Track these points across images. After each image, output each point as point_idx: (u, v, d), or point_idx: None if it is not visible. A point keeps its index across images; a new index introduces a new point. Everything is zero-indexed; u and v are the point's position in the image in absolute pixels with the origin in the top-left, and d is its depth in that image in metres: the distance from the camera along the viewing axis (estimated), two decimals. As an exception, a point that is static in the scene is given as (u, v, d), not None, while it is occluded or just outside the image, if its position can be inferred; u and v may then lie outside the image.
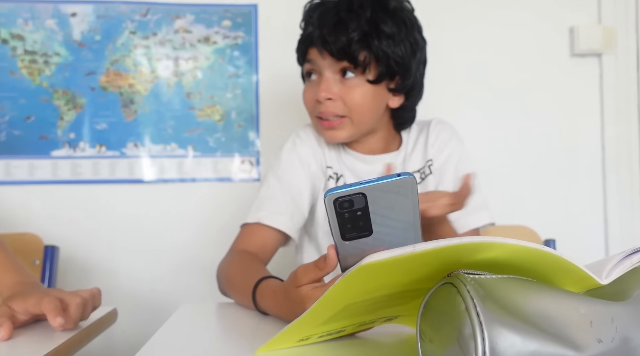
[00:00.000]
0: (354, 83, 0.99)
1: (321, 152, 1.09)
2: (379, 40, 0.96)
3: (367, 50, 0.96)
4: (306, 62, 1.03)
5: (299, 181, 1.05)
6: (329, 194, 0.50)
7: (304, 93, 1.05)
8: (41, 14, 1.60)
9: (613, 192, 1.72)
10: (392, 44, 0.97)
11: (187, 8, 1.65)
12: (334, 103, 0.99)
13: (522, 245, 0.41)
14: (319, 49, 0.98)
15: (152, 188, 1.64)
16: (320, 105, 0.99)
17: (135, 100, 1.63)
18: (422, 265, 0.43)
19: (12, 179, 1.58)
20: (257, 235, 1.00)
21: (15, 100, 1.59)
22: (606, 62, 1.73)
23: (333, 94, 0.98)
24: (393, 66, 0.99)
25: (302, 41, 1.03)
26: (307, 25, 1.02)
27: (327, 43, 0.96)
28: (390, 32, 0.97)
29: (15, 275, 0.83)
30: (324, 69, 0.99)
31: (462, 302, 0.38)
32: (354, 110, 0.99)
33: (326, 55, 0.98)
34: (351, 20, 0.95)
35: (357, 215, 0.51)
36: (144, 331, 1.56)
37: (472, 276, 0.40)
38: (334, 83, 0.99)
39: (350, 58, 0.96)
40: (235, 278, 0.90)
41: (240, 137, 1.66)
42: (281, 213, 1.01)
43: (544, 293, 0.41)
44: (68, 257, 1.52)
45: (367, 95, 1.00)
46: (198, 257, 1.62)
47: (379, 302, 0.53)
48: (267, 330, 0.71)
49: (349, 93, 0.98)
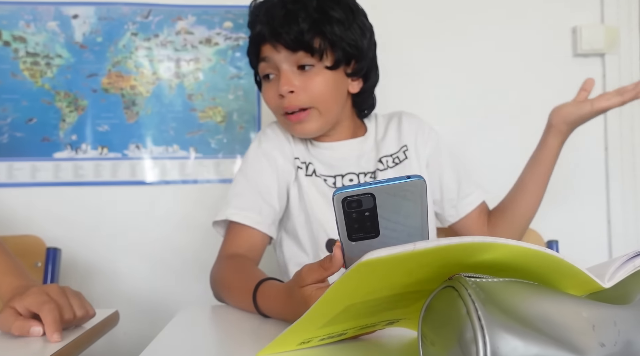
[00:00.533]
0: (313, 72, 0.99)
1: (288, 145, 1.10)
2: (330, 25, 0.97)
3: (320, 37, 0.97)
4: (261, 62, 1.02)
5: (266, 176, 1.06)
6: (337, 193, 0.50)
7: (263, 93, 1.05)
8: (43, 16, 1.61)
9: (616, 192, 1.72)
10: (343, 28, 0.98)
11: (189, 9, 1.65)
12: (296, 95, 0.99)
13: (523, 247, 0.40)
14: (272, 44, 0.98)
15: (154, 189, 1.64)
16: (283, 100, 0.99)
17: (137, 101, 1.63)
18: (423, 265, 0.43)
19: (15, 181, 1.58)
20: (242, 236, 1.00)
21: (17, 102, 1.59)
22: (609, 62, 1.72)
23: (294, 87, 0.98)
24: (348, 49, 1.00)
25: (253, 41, 1.03)
26: (255, 24, 1.01)
27: (280, 35, 0.96)
28: (339, 17, 0.98)
29: (16, 278, 0.83)
30: (280, 63, 0.99)
31: (464, 306, 0.38)
32: (318, 100, 1.00)
33: (281, 49, 0.98)
34: (299, 10, 0.96)
35: (365, 216, 0.51)
36: (146, 333, 1.56)
37: (474, 280, 0.40)
38: (293, 76, 0.99)
39: (305, 46, 0.97)
40: (232, 283, 0.89)
41: (242, 138, 1.66)
42: (249, 208, 1.01)
43: (545, 296, 0.40)
44: (70, 258, 1.52)
45: (328, 82, 1.00)
46: (200, 259, 1.62)
47: (381, 304, 0.53)
48: (269, 332, 0.71)
49: (310, 83, 0.99)
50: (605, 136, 1.73)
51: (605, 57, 1.72)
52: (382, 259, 0.40)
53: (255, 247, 1.00)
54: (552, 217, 1.69)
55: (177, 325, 0.76)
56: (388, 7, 1.68)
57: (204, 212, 1.64)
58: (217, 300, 0.98)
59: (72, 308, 0.76)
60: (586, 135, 1.73)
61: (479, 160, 1.67)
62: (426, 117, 1.22)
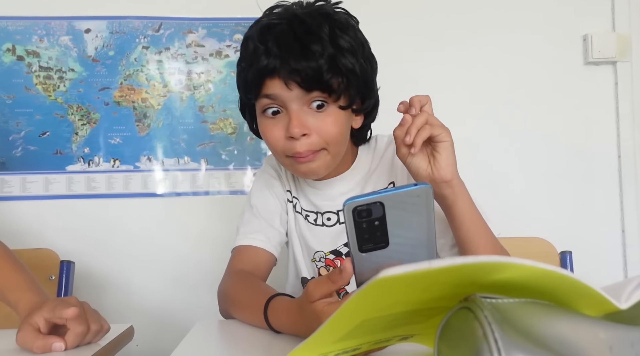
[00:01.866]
0: (326, 112, 0.88)
1: (284, 178, 1.07)
2: (345, 61, 0.86)
3: (339, 76, 0.86)
4: (263, 98, 0.88)
5: (269, 203, 1.05)
6: (348, 203, 0.51)
7: (265, 131, 0.91)
8: (56, 30, 1.63)
9: (630, 201, 1.70)
10: (356, 62, 0.88)
11: (199, 22, 1.66)
12: (308, 138, 0.88)
13: (539, 267, 0.40)
14: (284, 81, 0.84)
15: (166, 201, 1.64)
16: (293, 143, 0.88)
17: (149, 114, 1.64)
18: (439, 282, 0.43)
19: (28, 194, 1.60)
20: (247, 255, 1.00)
21: (30, 116, 1.61)
22: (621, 70, 1.71)
23: (308, 129, 0.87)
24: (362, 87, 0.91)
25: (257, 74, 0.87)
26: (259, 55, 0.86)
27: (296, 73, 0.83)
28: (351, 49, 0.87)
29: (34, 295, 0.85)
30: (290, 102, 0.86)
31: (480, 328, 0.37)
32: (331, 142, 0.90)
33: (294, 87, 0.85)
34: (314, 43, 0.84)
35: (375, 225, 0.52)
36: (159, 345, 1.57)
37: (489, 301, 0.40)
38: (304, 116, 0.87)
39: (323, 86, 0.85)
40: (242, 299, 0.88)
41: (253, 149, 1.67)
42: (254, 232, 1.01)
43: (562, 317, 0.40)
44: (83, 271, 1.53)
45: (342, 123, 0.90)
46: (212, 270, 1.62)
47: (396, 320, 0.52)
48: (283, 347, 0.71)
49: (323, 124, 0.88)
50: (618, 144, 1.72)
51: (617, 65, 1.71)
52: (398, 277, 0.40)
53: (261, 265, 1.00)
54: (565, 227, 1.68)
55: (192, 340, 0.76)
56: (395, 15, 1.68)
57: (216, 224, 1.65)
58: (223, 316, 0.97)
59: (87, 321, 0.77)
60: (599, 143, 1.73)
61: (489, 167, 1.66)
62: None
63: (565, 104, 1.72)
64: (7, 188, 1.59)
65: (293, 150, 0.88)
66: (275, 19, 0.88)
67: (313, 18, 0.86)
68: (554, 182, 1.71)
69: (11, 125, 1.60)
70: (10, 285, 0.87)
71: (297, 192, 1.06)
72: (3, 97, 1.60)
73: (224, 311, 0.96)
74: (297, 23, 0.86)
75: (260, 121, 0.92)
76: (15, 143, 1.60)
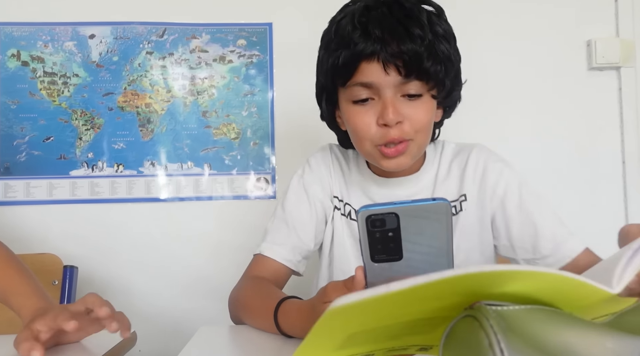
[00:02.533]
0: (420, 101, 0.84)
1: (329, 181, 1.00)
2: (442, 47, 0.82)
3: (438, 64, 0.82)
4: (356, 86, 0.83)
5: (304, 212, 0.98)
6: (362, 210, 0.50)
7: (355, 119, 0.86)
8: (60, 36, 1.63)
9: (635, 206, 1.69)
10: (451, 49, 0.85)
11: (203, 28, 1.67)
12: (401, 126, 0.83)
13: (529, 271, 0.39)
14: (384, 65, 0.80)
15: (169, 206, 1.64)
16: (388, 131, 0.83)
17: (152, 119, 1.65)
18: (439, 297, 0.42)
19: (32, 199, 1.60)
20: (268, 266, 0.96)
21: (35, 121, 1.61)
22: (625, 76, 1.71)
23: (402, 117, 0.83)
24: (453, 78, 0.87)
25: (355, 56, 0.81)
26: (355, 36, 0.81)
27: (398, 56, 0.79)
28: (446, 36, 0.84)
29: (39, 300, 0.84)
30: (385, 88, 0.82)
31: (485, 338, 0.37)
32: (420, 132, 0.86)
33: (392, 72, 0.80)
34: (415, 27, 0.80)
35: (389, 236, 0.51)
36: (162, 351, 1.56)
37: (494, 308, 0.39)
38: (399, 104, 0.83)
39: (422, 73, 0.81)
40: (253, 302, 0.88)
41: (256, 154, 1.67)
42: (280, 243, 0.96)
43: (568, 326, 0.39)
44: (86, 276, 1.53)
45: (432, 113, 0.87)
46: (215, 276, 1.62)
47: (411, 328, 0.52)
48: (289, 352, 0.70)
49: (417, 114, 0.84)
50: (623, 150, 1.71)
51: (620, 71, 1.71)
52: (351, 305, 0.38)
53: (279, 275, 0.96)
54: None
55: (195, 346, 0.76)
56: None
57: (219, 229, 1.65)
58: (234, 322, 0.96)
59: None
60: (603, 149, 1.72)
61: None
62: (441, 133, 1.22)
63: (569, 110, 1.72)
64: (11, 193, 1.60)
65: (386, 138, 0.84)
66: (372, 2, 0.84)
67: (411, 2, 0.83)
68: (558, 187, 1.70)
69: (15, 130, 1.60)
70: (14, 289, 0.87)
71: (348, 197, 0.99)
72: (7, 102, 1.61)
73: (235, 317, 0.95)
74: (397, 6, 0.82)
75: (348, 108, 0.87)
76: (19, 148, 1.60)
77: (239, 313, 0.91)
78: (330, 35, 0.87)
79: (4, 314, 1.06)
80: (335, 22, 0.87)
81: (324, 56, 0.89)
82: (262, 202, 1.66)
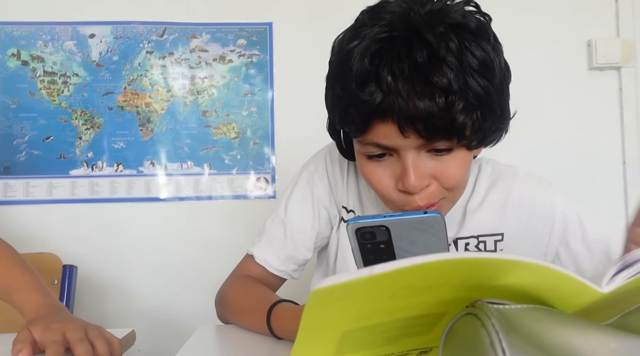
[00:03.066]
0: (450, 156, 0.68)
1: (341, 188, 0.88)
2: (476, 86, 0.64)
3: (470, 113, 0.64)
4: (368, 144, 0.68)
5: (305, 221, 0.89)
6: (350, 223, 0.49)
7: (370, 175, 0.71)
8: (60, 35, 1.63)
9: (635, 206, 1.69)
10: (489, 82, 0.65)
11: (203, 27, 1.67)
12: (428, 189, 0.69)
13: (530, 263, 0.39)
14: (400, 127, 0.63)
15: (169, 206, 1.64)
16: (411, 198, 0.69)
17: (152, 119, 1.64)
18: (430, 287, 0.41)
19: (31, 198, 1.60)
20: (258, 270, 0.92)
21: (34, 121, 1.61)
22: (625, 76, 1.71)
23: (428, 180, 0.68)
24: (496, 114, 0.69)
25: (366, 113, 0.64)
26: (366, 84, 0.63)
27: (417, 119, 0.62)
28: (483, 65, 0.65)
29: (42, 297, 0.83)
30: (405, 150, 0.66)
31: (487, 336, 0.37)
32: (455, 189, 0.72)
33: (412, 135, 0.64)
34: (440, 74, 0.61)
35: (380, 248, 0.50)
36: (161, 350, 1.56)
37: (496, 307, 0.39)
38: (423, 163, 0.67)
39: (456, 133, 0.64)
40: (242, 304, 0.85)
41: (256, 154, 1.67)
42: (275, 253, 0.90)
43: (571, 325, 0.39)
44: (85, 276, 1.53)
45: (467, 166, 0.71)
46: (214, 275, 1.61)
47: (400, 328, 0.51)
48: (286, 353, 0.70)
49: (447, 170, 0.68)
50: (623, 150, 1.71)
51: (621, 71, 1.71)
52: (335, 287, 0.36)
53: (269, 284, 0.92)
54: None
55: (195, 344, 0.75)
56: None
57: (218, 228, 1.65)
58: (220, 320, 0.93)
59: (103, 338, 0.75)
60: (604, 149, 1.72)
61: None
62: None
63: (569, 110, 1.72)
64: (11, 193, 1.59)
65: (411, 205, 0.70)
66: (387, 31, 0.64)
67: (438, 32, 0.63)
68: (558, 187, 1.70)
69: (15, 129, 1.60)
70: (17, 286, 0.86)
71: (360, 207, 0.88)
72: (7, 102, 1.60)
73: (221, 316, 0.92)
74: (418, 42, 0.62)
75: (361, 161, 0.72)
76: (19, 147, 1.60)
77: (226, 312, 0.89)
78: (338, 70, 0.69)
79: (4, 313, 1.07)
80: (343, 49, 0.68)
81: (332, 97, 0.72)
82: (262, 201, 1.66)
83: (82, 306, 1.54)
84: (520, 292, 0.42)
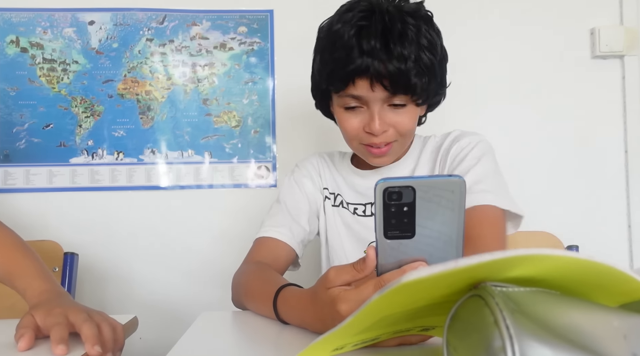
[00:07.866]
0: (404, 110, 0.93)
1: (318, 177, 1.11)
2: (426, 60, 0.89)
3: (423, 78, 0.89)
4: (347, 97, 0.92)
5: (297, 199, 1.08)
6: (380, 182, 0.51)
7: (345, 122, 0.96)
8: (60, 22, 1.62)
9: (637, 196, 1.69)
10: (435, 59, 0.91)
11: (204, 15, 1.66)
12: (386, 133, 0.94)
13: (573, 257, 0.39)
14: (371, 83, 0.88)
15: (169, 194, 1.64)
16: (371, 137, 0.94)
17: (152, 107, 1.64)
18: (462, 279, 0.42)
19: (32, 186, 1.60)
20: (268, 247, 1.01)
21: (34, 108, 1.60)
22: (628, 64, 1.70)
23: (387, 126, 0.93)
24: (439, 86, 0.96)
25: (350, 72, 0.88)
26: (353, 51, 0.87)
27: (385, 76, 0.87)
28: (431, 46, 0.90)
29: (44, 282, 0.83)
30: (373, 102, 0.91)
31: (491, 315, 0.37)
32: (405, 135, 0.96)
33: (378, 89, 0.89)
34: (404, 45, 0.86)
35: (403, 211, 0.52)
36: (163, 338, 1.57)
37: (500, 289, 0.39)
38: (384, 113, 0.92)
39: (408, 90, 0.89)
40: (254, 287, 0.88)
41: (257, 143, 1.66)
42: (279, 225, 1.03)
43: (574, 305, 0.39)
44: (86, 263, 1.53)
45: (415, 119, 0.96)
46: (215, 263, 1.62)
47: (416, 313, 0.52)
48: (289, 339, 0.70)
49: (401, 121, 0.93)
50: (625, 139, 1.71)
51: (624, 59, 1.70)
52: (421, 280, 0.39)
53: (280, 258, 1.00)
54: (571, 221, 1.67)
55: (196, 332, 0.75)
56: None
57: (219, 217, 1.65)
58: (236, 306, 0.97)
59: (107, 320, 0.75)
60: (606, 138, 1.71)
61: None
62: (442, 120, 1.21)
63: (572, 98, 1.71)
64: (11, 181, 1.59)
65: (369, 141, 0.94)
66: (365, 15, 0.89)
67: (403, 17, 0.88)
68: (560, 176, 1.70)
69: (15, 117, 1.60)
70: (20, 271, 0.86)
71: (339, 189, 1.09)
72: (7, 89, 1.60)
73: (237, 301, 0.96)
74: (388, 23, 0.87)
75: (339, 112, 0.97)
76: (18, 135, 1.60)
77: (241, 298, 0.92)
78: (327, 43, 0.93)
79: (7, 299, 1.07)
80: (332, 29, 0.92)
81: (320, 63, 0.96)
82: (262, 190, 1.66)
83: (83, 294, 1.54)
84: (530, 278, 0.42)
